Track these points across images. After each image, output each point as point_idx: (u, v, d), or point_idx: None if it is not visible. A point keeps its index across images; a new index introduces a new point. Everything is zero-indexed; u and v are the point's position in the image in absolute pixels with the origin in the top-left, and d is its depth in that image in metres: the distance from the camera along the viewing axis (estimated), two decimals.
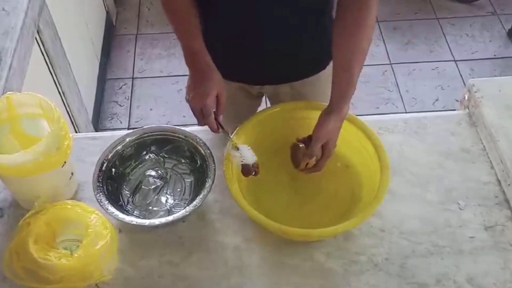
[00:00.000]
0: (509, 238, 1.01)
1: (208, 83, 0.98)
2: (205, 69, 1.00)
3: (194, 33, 1.03)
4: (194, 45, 1.02)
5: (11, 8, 1.33)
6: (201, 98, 0.97)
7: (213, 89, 0.98)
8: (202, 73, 1.00)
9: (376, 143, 1.02)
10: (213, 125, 0.98)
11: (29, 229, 0.91)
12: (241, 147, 0.98)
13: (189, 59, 1.03)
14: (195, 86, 0.99)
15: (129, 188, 1.07)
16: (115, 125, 2.34)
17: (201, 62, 1.01)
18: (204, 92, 0.97)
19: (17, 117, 1.00)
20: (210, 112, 0.97)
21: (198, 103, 0.97)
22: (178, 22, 1.05)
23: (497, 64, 2.61)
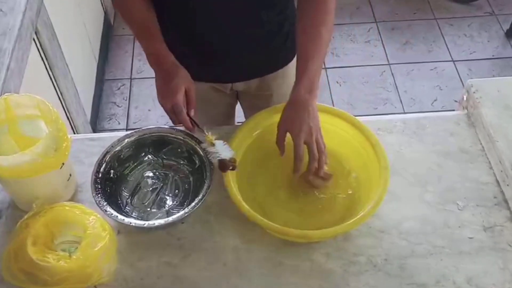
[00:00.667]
0: (508, 239, 1.01)
1: (175, 81, 0.99)
2: (170, 68, 1.02)
3: (154, 35, 1.04)
4: (156, 46, 1.04)
5: (9, 9, 1.33)
6: (170, 97, 0.98)
7: (181, 85, 0.99)
8: (168, 72, 1.01)
9: (375, 144, 1.02)
10: (187, 123, 0.99)
11: (27, 231, 0.91)
12: (216, 143, 0.98)
13: (153, 61, 1.04)
14: (163, 86, 1.01)
15: (127, 190, 1.07)
16: (113, 126, 2.34)
17: (165, 62, 1.02)
18: (173, 90, 0.98)
19: (15, 118, 1.00)
20: (181, 109, 0.98)
21: (168, 102, 0.98)
22: (137, 28, 1.06)
23: (496, 64, 2.61)
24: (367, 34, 2.75)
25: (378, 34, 2.75)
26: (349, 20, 2.82)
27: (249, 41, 1.12)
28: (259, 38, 1.13)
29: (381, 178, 0.97)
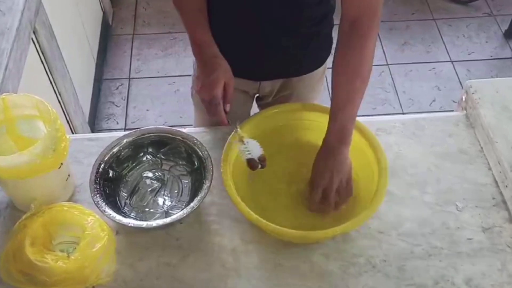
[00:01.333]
0: (506, 240, 1.01)
1: (215, 73, 0.98)
2: (212, 59, 1.01)
3: (202, 25, 1.04)
4: (202, 36, 1.03)
5: (7, 8, 1.33)
6: (209, 89, 0.97)
7: (221, 78, 0.98)
8: (210, 63, 1.00)
9: (374, 144, 1.02)
10: (222, 118, 0.98)
11: (26, 232, 0.91)
12: (247, 140, 0.98)
13: (196, 50, 1.03)
14: (203, 77, 0.99)
15: (126, 190, 1.07)
16: (111, 126, 2.34)
17: (208, 53, 1.01)
18: (212, 82, 0.97)
19: (13, 119, 0.99)
20: (218, 102, 0.97)
21: (206, 94, 0.97)
22: (186, 15, 1.06)
23: (494, 65, 2.62)
24: None
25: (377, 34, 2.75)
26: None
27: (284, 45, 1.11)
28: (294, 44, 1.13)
29: (380, 179, 0.97)
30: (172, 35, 2.66)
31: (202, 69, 1.01)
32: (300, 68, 1.22)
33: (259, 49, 1.13)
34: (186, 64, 2.54)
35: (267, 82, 1.24)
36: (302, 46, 1.15)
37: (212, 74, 0.98)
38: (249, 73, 1.21)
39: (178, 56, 2.58)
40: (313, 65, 1.24)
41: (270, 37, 1.10)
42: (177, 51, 2.60)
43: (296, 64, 1.21)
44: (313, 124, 1.10)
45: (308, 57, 1.19)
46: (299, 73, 1.23)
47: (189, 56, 2.55)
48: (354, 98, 0.99)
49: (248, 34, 1.09)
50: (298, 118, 1.11)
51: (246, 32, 1.09)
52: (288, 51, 1.14)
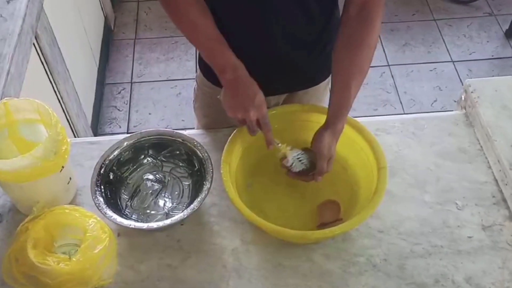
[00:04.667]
0: (507, 238, 1.01)
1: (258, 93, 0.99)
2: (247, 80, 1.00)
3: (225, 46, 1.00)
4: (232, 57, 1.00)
5: (9, 14, 1.34)
6: (257, 110, 0.98)
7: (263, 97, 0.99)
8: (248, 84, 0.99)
9: (373, 144, 1.03)
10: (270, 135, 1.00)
11: (28, 234, 0.92)
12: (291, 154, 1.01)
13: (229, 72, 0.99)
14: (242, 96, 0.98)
15: (127, 192, 1.07)
16: (114, 129, 2.35)
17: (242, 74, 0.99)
18: (259, 102, 0.98)
19: (15, 123, 1.00)
20: (268, 120, 0.99)
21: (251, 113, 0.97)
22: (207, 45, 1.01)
23: (495, 64, 2.61)
24: None
25: None
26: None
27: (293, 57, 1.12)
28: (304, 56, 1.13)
29: (379, 178, 0.98)
30: (174, 39, 2.67)
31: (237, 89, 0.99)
32: (306, 81, 1.23)
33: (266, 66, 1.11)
34: (188, 68, 2.55)
35: (271, 97, 1.24)
36: (309, 59, 1.15)
37: (251, 92, 0.98)
38: None
39: (180, 60, 2.59)
40: (319, 78, 1.24)
41: (279, 53, 1.10)
42: (179, 55, 2.62)
43: (302, 78, 1.20)
44: (312, 125, 1.10)
45: (314, 69, 1.19)
46: (305, 86, 1.23)
47: (191, 59, 2.58)
48: (360, 81, 1.01)
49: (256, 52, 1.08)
50: (298, 119, 1.11)
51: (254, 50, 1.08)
52: (296, 66, 1.14)
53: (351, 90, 1.00)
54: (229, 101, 1.01)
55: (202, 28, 1.00)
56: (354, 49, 1.00)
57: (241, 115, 0.99)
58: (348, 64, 1.00)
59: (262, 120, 0.99)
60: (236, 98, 0.99)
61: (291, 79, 1.19)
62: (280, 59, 1.11)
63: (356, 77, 1.00)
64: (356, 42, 1.00)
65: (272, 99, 1.24)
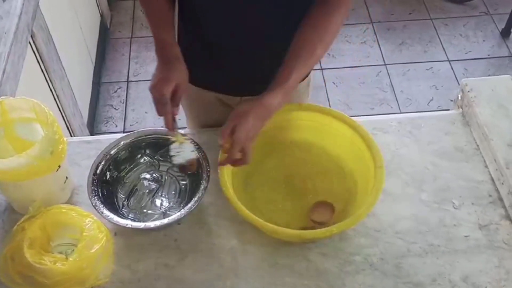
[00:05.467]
0: (503, 237, 1.01)
1: (169, 73, 0.99)
2: (170, 59, 1.01)
3: (166, 25, 1.04)
4: (165, 36, 1.04)
5: (5, 12, 1.33)
6: (160, 87, 0.97)
7: (173, 79, 0.98)
8: (167, 63, 1.01)
9: (369, 144, 1.03)
10: (169, 118, 0.98)
11: (24, 234, 0.91)
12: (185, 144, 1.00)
13: (158, 49, 1.04)
14: (158, 75, 1.00)
15: (124, 192, 1.07)
16: (110, 128, 2.34)
17: (168, 53, 1.02)
18: (164, 81, 0.97)
19: (10, 122, 1.00)
20: (166, 101, 0.97)
21: (156, 92, 0.97)
22: (153, 14, 1.07)
23: (491, 63, 2.62)
24: (363, 35, 2.76)
25: (374, 34, 2.75)
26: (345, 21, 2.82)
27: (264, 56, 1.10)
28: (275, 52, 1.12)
29: (376, 178, 0.98)
30: None
31: (159, 68, 1.02)
32: None
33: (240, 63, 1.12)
34: None
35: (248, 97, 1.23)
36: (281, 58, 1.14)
37: (166, 72, 0.99)
38: (229, 88, 1.21)
39: None
40: None
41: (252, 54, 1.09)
42: None
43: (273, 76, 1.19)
44: (309, 124, 1.10)
45: None
46: None
47: None
48: (310, 63, 1.00)
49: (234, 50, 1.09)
50: (294, 118, 1.11)
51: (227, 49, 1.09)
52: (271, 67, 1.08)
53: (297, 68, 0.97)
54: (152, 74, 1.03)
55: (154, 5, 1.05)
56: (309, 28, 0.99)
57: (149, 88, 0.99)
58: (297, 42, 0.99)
59: (161, 99, 0.97)
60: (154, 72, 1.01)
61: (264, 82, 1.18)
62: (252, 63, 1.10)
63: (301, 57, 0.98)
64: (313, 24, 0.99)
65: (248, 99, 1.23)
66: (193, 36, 1.12)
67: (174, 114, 0.99)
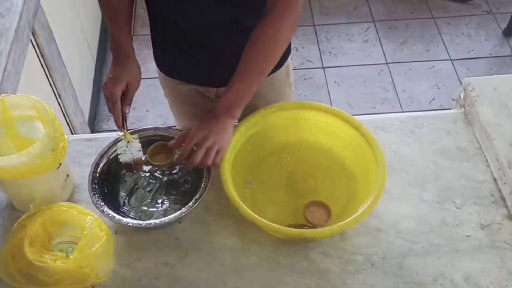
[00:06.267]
0: (505, 237, 1.01)
1: (121, 72, 1.00)
2: (122, 57, 1.04)
3: (121, 21, 1.06)
4: (119, 33, 1.06)
5: (6, 10, 1.33)
6: (111, 85, 0.99)
7: (124, 77, 1.00)
8: (120, 61, 1.03)
9: (371, 143, 1.02)
10: (118, 116, 1.00)
11: (25, 232, 0.91)
12: (133, 143, 1.02)
13: (113, 46, 1.06)
14: (110, 73, 1.01)
15: (124, 190, 1.07)
16: (111, 127, 2.34)
17: (121, 51, 1.05)
18: (115, 80, 0.99)
19: (11, 119, 0.99)
20: (116, 100, 0.99)
21: (107, 90, 0.99)
22: (108, 9, 1.09)
23: (493, 63, 2.61)
24: (364, 33, 2.75)
25: (376, 33, 2.75)
26: (346, 19, 2.82)
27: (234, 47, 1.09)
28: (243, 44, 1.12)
29: (378, 177, 0.97)
30: None
31: (112, 66, 1.04)
32: None
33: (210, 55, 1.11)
34: None
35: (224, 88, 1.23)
36: None
37: (117, 70, 1.00)
38: (204, 80, 1.21)
39: None
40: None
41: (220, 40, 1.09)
42: None
43: None
44: (311, 122, 1.10)
45: None
46: None
47: None
48: (254, 75, 1.00)
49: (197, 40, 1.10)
50: (297, 117, 1.11)
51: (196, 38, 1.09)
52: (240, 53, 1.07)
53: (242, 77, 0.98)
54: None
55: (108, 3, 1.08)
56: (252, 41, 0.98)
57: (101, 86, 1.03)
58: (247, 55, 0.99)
59: (111, 98, 0.99)
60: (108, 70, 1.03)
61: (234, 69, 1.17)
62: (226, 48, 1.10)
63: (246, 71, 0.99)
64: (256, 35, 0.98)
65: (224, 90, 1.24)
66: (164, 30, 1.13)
67: (125, 112, 1.01)
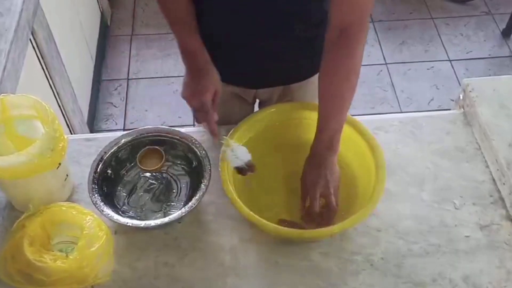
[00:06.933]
0: (504, 237, 1.01)
1: (206, 79, 0.99)
2: (203, 66, 1.01)
3: (192, 32, 1.03)
4: (193, 43, 1.03)
5: (5, 9, 1.33)
6: (199, 95, 0.97)
7: (211, 85, 0.98)
8: (200, 70, 1.01)
9: (371, 143, 1.03)
10: (212, 124, 0.99)
11: (24, 232, 0.91)
12: (234, 147, 0.99)
13: (187, 57, 1.03)
14: (193, 83, 0.99)
15: (124, 190, 1.07)
16: (110, 126, 2.34)
17: (199, 59, 1.01)
18: (203, 88, 0.97)
19: (11, 119, 0.99)
20: (208, 108, 0.97)
21: (196, 100, 0.97)
22: (176, 23, 1.05)
23: (492, 63, 2.62)
24: None
25: (375, 34, 2.75)
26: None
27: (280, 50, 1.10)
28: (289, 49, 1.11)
29: (377, 177, 0.97)
30: (171, 35, 2.62)
31: (192, 75, 1.01)
32: (297, 74, 1.20)
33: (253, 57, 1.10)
34: None
35: (264, 89, 1.23)
36: (299, 51, 1.12)
37: (202, 79, 0.99)
38: (244, 81, 1.19)
39: (177, 57, 2.56)
40: (311, 71, 1.22)
41: (265, 44, 1.08)
42: (176, 52, 2.57)
43: (293, 71, 1.18)
44: (310, 122, 1.10)
45: (305, 62, 1.17)
46: (297, 79, 1.21)
47: None
48: (342, 107, 0.99)
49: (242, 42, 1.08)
50: (296, 117, 1.11)
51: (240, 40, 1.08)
52: (284, 57, 1.12)
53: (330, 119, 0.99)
54: (183, 82, 1.02)
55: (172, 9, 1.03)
56: (331, 77, 0.97)
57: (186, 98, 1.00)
58: (326, 92, 0.99)
59: (203, 107, 0.98)
60: (188, 81, 1.01)
61: (278, 72, 1.17)
62: (264, 53, 1.09)
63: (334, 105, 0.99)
64: (333, 70, 0.97)
65: (266, 92, 1.23)
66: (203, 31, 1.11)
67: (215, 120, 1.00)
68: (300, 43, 1.10)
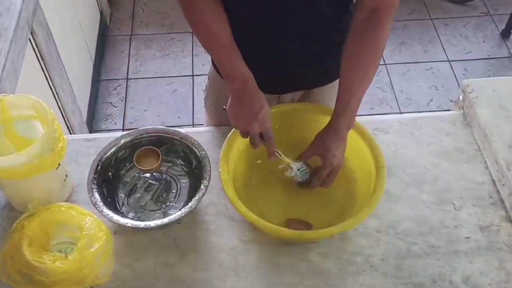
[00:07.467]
0: (504, 238, 1.01)
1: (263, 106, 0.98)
2: (254, 92, 0.99)
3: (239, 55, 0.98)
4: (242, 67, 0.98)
5: (5, 9, 1.33)
6: (263, 123, 0.98)
7: (266, 110, 0.99)
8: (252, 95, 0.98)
9: (371, 144, 1.03)
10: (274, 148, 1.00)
11: (23, 232, 0.91)
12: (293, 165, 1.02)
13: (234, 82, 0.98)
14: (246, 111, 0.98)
15: (124, 190, 1.07)
16: (109, 126, 2.34)
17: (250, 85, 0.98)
18: (263, 116, 0.98)
19: (10, 119, 0.99)
20: (271, 134, 0.99)
21: (260, 127, 0.98)
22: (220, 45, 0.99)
23: (491, 64, 2.62)
24: None
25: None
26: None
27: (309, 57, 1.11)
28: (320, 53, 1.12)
29: (377, 178, 0.97)
30: (170, 35, 2.66)
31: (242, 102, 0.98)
32: (322, 78, 1.21)
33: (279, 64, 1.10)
34: (184, 65, 2.54)
35: (287, 94, 1.23)
36: (328, 55, 1.13)
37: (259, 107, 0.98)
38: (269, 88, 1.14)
39: (176, 57, 2.58)
40: (334, 75, 1.22)
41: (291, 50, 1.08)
42: (175, 52, 2.60)
43: (319, 75, 1.19)
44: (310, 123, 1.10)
45: (331, 67, 1.15)
46: (320, 84, 1.22)
47: (187, 56, 2.57)
48: (365, 86, 1.01)
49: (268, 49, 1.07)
50: (296, 117, 1.11)
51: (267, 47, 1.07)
52: (310, 63, 1.12)
53: (354, 93, 0.99)
54: (234, 111, 1.00)
55: (215, 34, 0.98)
56: (361, 54, 0.99)
57: (244, 127, 0.99)
58: (353, 68, 1.00)
59: (266, 134, 0.99)
60: (241, 109, 0.99)
61: (304, 78, 1.17)
62: (292, 57, 1.09)
63: (359, 81, 1.00)
64: (362, 47, 0.99)
65: (287, 97, 1.23)
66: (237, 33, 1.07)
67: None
68: (331, 47, 1.11)
